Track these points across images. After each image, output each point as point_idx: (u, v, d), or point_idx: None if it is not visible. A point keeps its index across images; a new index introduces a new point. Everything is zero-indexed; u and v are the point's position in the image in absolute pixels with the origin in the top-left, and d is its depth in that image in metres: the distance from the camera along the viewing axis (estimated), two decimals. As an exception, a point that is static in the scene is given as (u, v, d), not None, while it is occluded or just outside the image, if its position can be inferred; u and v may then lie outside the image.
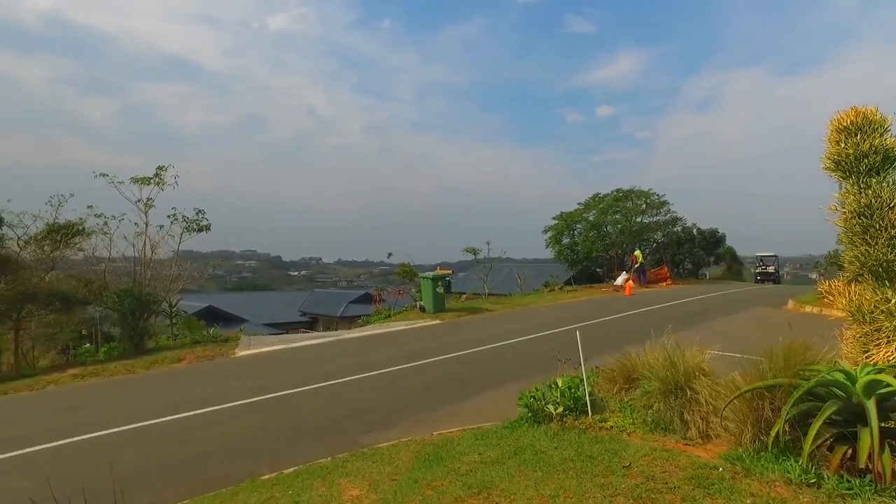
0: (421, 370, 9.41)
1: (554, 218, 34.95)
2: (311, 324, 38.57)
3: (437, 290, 16.53)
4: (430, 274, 16.79)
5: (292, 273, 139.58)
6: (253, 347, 12.06)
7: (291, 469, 4.91)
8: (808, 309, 14.73)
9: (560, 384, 5.53)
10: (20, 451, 6.10)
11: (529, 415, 5.71)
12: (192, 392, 8.34)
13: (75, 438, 6.43)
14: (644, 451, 4.17)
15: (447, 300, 17.48)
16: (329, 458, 5.07)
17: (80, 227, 11.96)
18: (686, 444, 4.43)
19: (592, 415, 5.29)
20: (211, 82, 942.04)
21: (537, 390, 5.72)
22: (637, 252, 24.87)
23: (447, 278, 17.15)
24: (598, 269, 35.08)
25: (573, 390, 5.51)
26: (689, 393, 4.71)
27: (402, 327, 14.59)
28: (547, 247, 35.07)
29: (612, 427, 5.00)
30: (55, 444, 6.27)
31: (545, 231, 35.02)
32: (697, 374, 4.81)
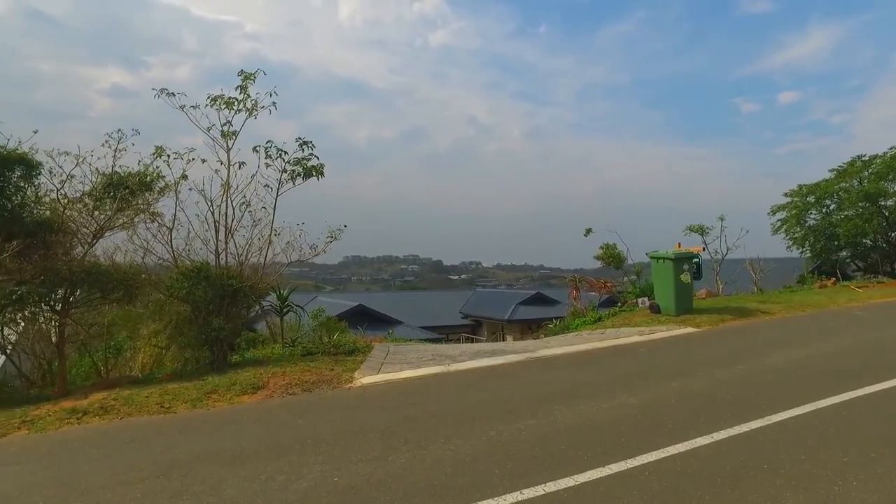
0: (752, 456, 3.31)
1: (786, 194, 24.97)
2: (474, 328, 33.96)
3: (683, 278, 9.96)
4: (669, 252, 10.17)
5: (452, 277, 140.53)
6: (386, 369, 6.96)
7: None
8: None
9: None
10: None
11: None
12: (204, 496, 3.32)
13: None
14: None
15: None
16: None
17: (149, 178, 8.04)
18: None
19: None
20: (377, 100, 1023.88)
21: None
22: None
23: (696, 259, 10.47)
24: (856, 263, 24.72)
25: None
26: None
27: (636, 339, 8.44)
28: (775, 232, 25.43)
29: None
30: None
31: (773, 212, 25.48)
32: None
